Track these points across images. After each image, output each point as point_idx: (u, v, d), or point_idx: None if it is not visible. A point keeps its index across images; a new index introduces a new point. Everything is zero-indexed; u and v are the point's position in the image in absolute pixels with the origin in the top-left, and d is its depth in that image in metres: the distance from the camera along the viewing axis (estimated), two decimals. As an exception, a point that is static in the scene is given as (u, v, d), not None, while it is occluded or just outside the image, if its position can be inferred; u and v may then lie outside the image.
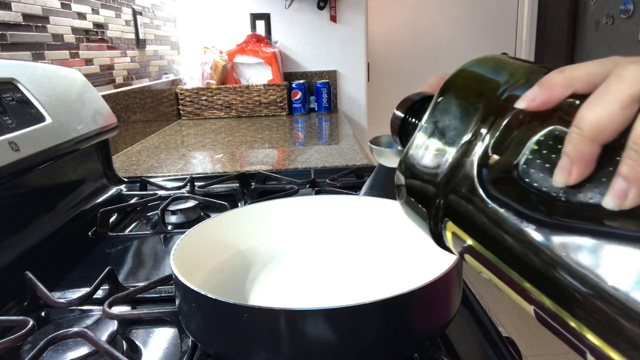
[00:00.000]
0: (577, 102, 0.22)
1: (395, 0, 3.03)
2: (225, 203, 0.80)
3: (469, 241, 0.26)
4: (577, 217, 0.21)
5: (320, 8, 2.14)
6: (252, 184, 0.97)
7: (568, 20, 3.31)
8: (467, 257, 0.27)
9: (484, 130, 0.25)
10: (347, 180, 0.96)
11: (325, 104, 2.10)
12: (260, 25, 2.13)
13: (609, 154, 0.20)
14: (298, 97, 2.03)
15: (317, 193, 0.86)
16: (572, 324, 0.21)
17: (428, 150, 0.28)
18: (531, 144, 0.23)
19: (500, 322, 0.52)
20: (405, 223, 0.55)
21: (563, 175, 0.21)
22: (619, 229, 0.19)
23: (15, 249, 0.64)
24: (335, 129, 1.68)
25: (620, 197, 0.19)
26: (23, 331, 0.44)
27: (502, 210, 0.24)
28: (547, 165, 0.22)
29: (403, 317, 0.38)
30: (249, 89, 1.96)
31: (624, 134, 0.19)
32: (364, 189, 0.70)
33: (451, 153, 0.26)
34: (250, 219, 0.59)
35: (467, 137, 0.26)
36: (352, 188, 0.88)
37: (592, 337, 0.21)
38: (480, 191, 0.25)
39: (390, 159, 0.56)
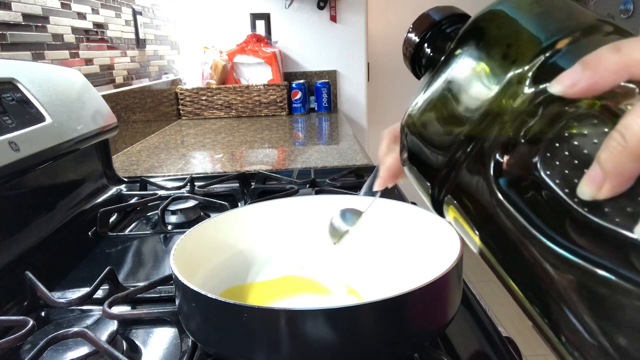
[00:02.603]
0: (637, 89, 0.17)
1: (395, 0, 3.03)
2: (225, 203, 0.80)
3: (467, 227, 0.23)
4: (594, 238, 0.17)
5: (320, 8, 2.14)
6: (252, 184, 0.96)
7: (568, 20, 3.31)
8: (460, 232, 0.25)
9: (509, 103, 0.20)
10: (347, 180, 0.96)
11: (325, 103, 2.10)
12: (260, 25, 2.13)
13: None
14: (298, 97, 2.03)
15: (317, 193, 0.86)
16: (561, 349, 0.19)
17: (441, 112, 0.23)
18: (561, 130, 0.18)
19: (500, 322, 0.52)
20: (405, 223, 0.55)
21: (591, 187, 0.17)
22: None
23: (15, 249, 0.64)
24: (335, 129, 1.68)
25: None
26: (23, 331, 0.44)
27: (508, 206, 0.20)
28: (575, 162, 0.18)
29: (403, 317, 0.38)
30: (249, 89, 1.96)
31: None
32: (364, 189, 0.70)
33: (466, 126, 0.21)
34: (250, 219, 0.59)
35: (486, 109, 0.21)
36: (352, 188, 0.88)
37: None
38: (491, 176, 0.21)
39: (337, 237, 0.54)
